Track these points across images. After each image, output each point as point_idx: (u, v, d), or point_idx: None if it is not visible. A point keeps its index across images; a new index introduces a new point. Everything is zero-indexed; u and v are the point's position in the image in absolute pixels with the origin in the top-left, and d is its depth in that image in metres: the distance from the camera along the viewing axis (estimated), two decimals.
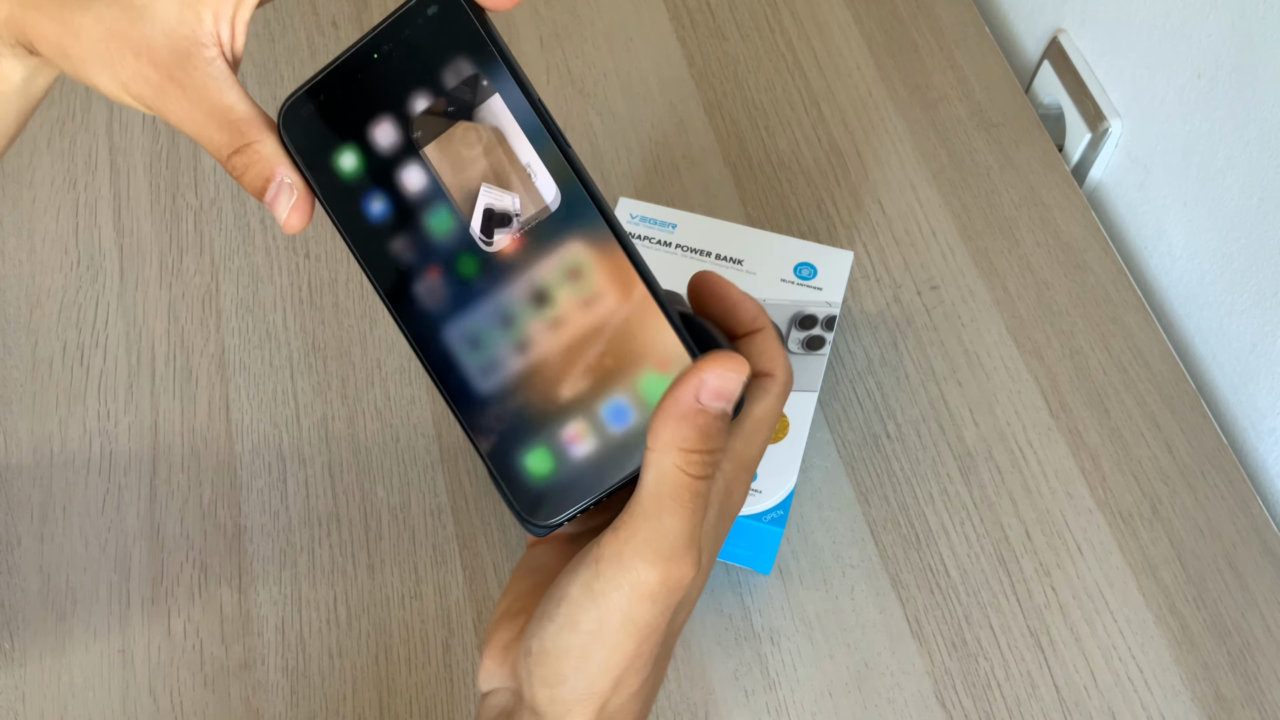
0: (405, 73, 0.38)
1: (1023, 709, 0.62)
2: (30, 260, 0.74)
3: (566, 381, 0.39)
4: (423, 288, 0.39)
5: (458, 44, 0.38)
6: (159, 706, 0.60)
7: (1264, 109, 0.69)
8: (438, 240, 0.39)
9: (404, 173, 0.39)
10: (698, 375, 0.35)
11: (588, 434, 0.39)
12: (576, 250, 0.39)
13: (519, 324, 0.39)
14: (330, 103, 0.38)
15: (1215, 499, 0.69)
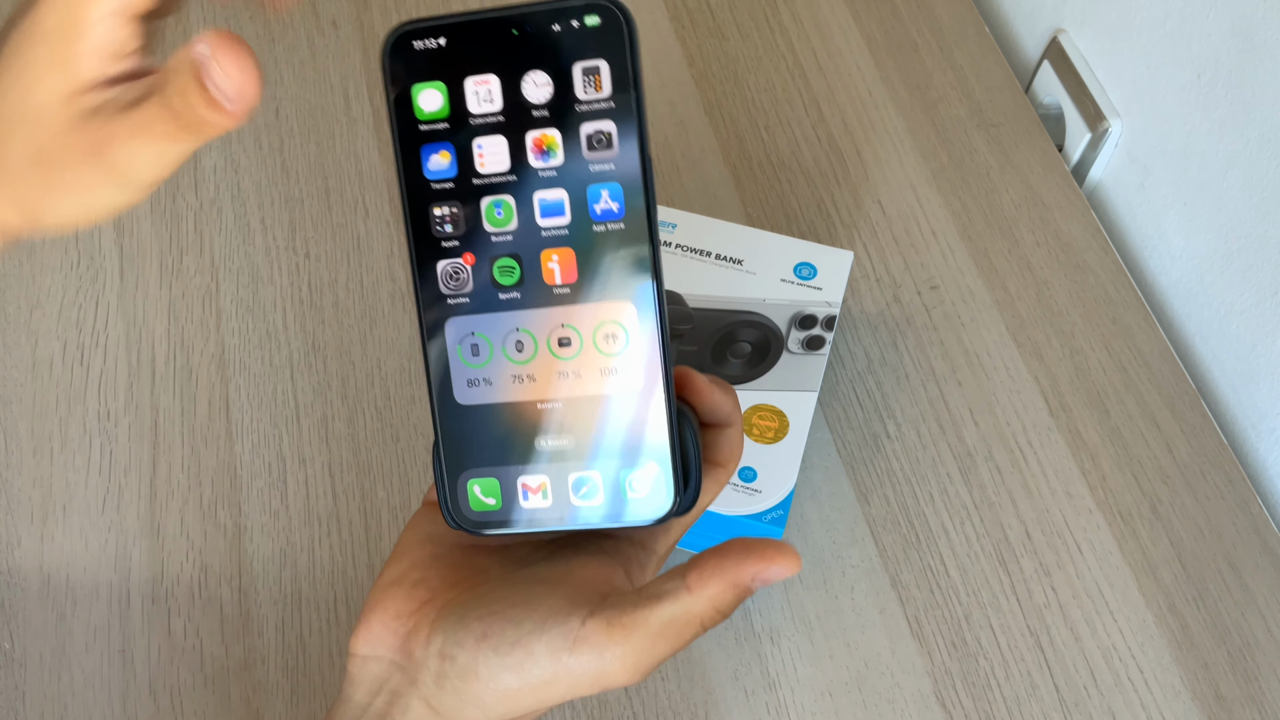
0: (531, 58, 0.36)
1: (1023, 709, 0.62)
2: (30, 260, 0.74)
3: (547, 433, 0.38)
4: (452, 268, 0.38)
5: (597, 61, 0.36)
6: (159, 706, 0.60)
7: (1264, 109, 0.69)
8: (489, 229, 0.38)
9: (486, 145, 0.37)
10: (767, 563, 0.36)
11: (544, 491, 0.39)
12: (619, 309, 0.37)
13: (529, 352, 0.38)
14: (448, 48, 0.36)
15: (1215, 499, 0.69)
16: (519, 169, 0.37)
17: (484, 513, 0.39)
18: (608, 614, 0.36)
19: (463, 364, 0.39)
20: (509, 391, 0.38)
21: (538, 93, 0.36)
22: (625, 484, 0.38)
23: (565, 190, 0.37)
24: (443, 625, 0.38)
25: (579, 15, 0.36)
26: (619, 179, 0.37)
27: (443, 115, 0.37)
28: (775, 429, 0.64)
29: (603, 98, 0.36)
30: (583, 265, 0.37)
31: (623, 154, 0.36)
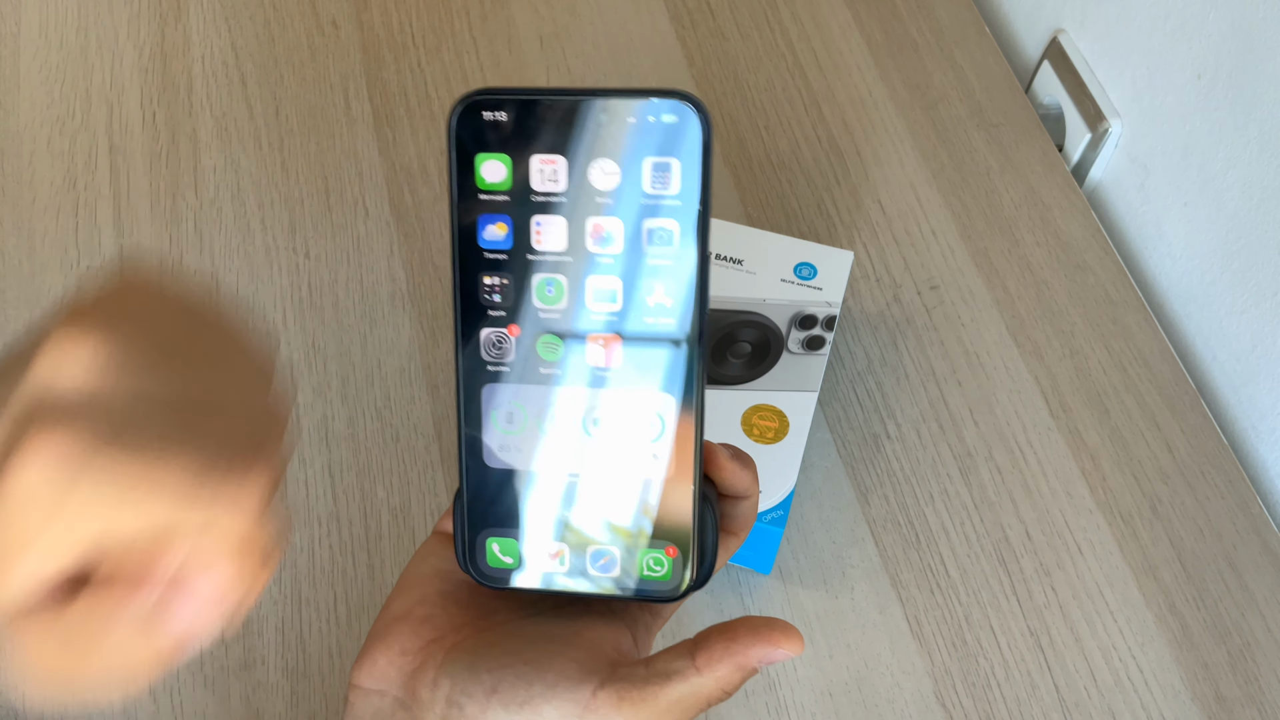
0: (603, 145, 0.36)
1: (1023, 709, 0.62)
2: (30, 260, 0.74)
3: (571, 505, 0.39)
4: (496, 337, 0.38)
5: (670, 159, 0.36)
6: (159, 706, 0.60)
7: (1264, 109, 0.69)
8: (538, 304, 0.37)
9: (544, 223, 0.37)
10: (773, 646, 0.37)
11: (562, 559, 0.39)
12: (659, 400, 0.38)
13: (564, 426, 0.38)
14: (519, 123, 0.36)
15: (1215, 499, 0.69)
16: (575, 251, 0.37)
17: (500, 569, 0.40)
18: (619, 687, 0.37)
19: (495, 429, 0.39)
20: (539, 461, 0.39)
21: (605, 180, 0.36)
22: (643, 562, 0.39)
23: (620, 279, 0.37)
24: (450, 670, 0.38)
25: (658, 111, 0.35)
26: (676, 276, 0.37)
27: (504, 187, 0.36)
28: (775, 429, 0.64)
29: (670, 194, 0.36)
30: (628, 352, 0.37)
31: (682, 251, 0.36)
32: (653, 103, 0.35)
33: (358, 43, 0.85)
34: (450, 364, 0.71)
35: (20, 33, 0.84)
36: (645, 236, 0.36)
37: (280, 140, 0.80)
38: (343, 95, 0.82)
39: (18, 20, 0.84)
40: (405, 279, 0.74)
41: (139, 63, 0.83)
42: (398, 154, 0.79)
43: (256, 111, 0.81)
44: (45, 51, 0.83)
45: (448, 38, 0.85)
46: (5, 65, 0.82)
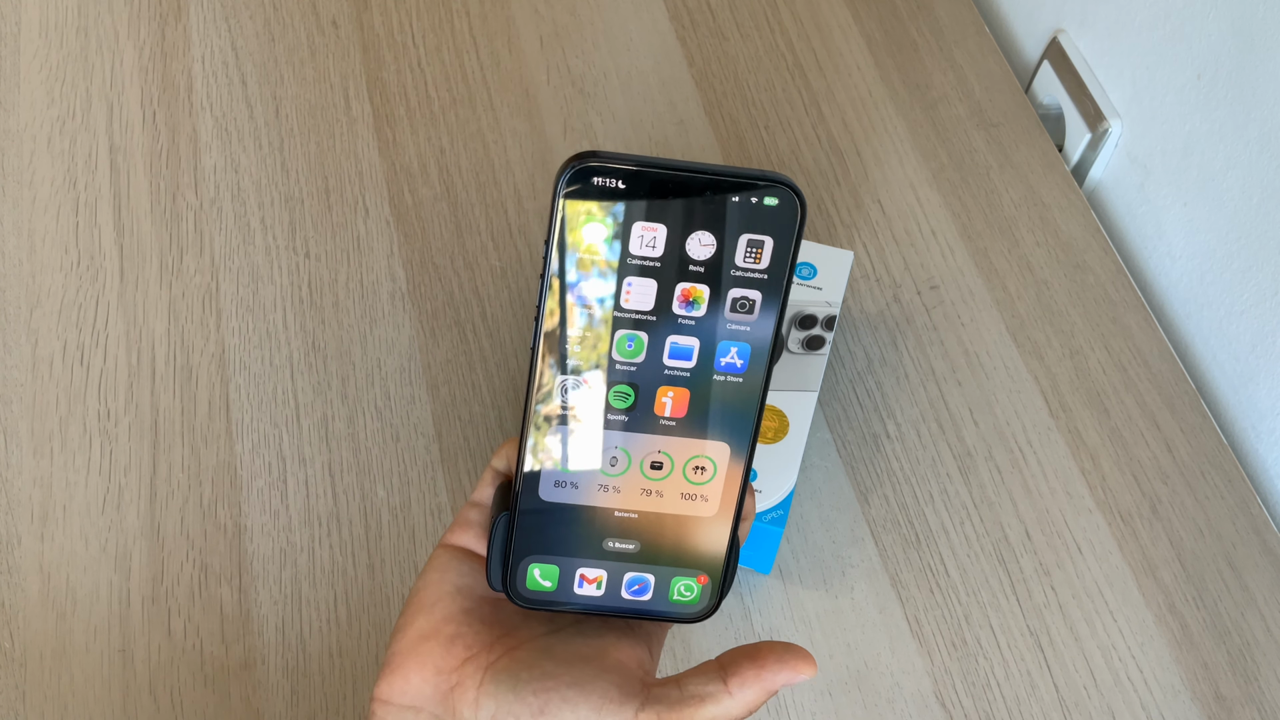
0: (704, 220, 0.38)
1: (1023, 709, 0.62)
2: (30, 260, 0.74)
3: (616, 537, 0.41)
4: (571, 383, 0.40)
5: (764, 237, 0.38)
6: (159, 706, 0.60)
7: (1264, 109, 0.69)
8: (616, 357, 0.40)
9: (636, 284, 0.39)
10: (796, 673, 0.41)
11: (600, 584, 0.42)
12: (715, 449, 0.40)
13: (621, 467, 0.41)
14: (626, 190, 0.38)
15: (1215, 499, 0.69)
16: (661, 311, 0.39)
17: (538, 592, 0.42)
18: (658, 709, 0.40)
19: (556, 467, 0.41)
20: (593, 497, 0.41)
21: (700, 250, 0.38)
22: (675, 588, 0.42)
23: (698, 340, 0.39)
24: (493, 690, 0.40)
25: (760, 194, 0.38)
26: (750, 340, 0.39)
27: (605, 250, 0.38)
28: (775, 429, 0.64)
29: (758, 269, 0.38)
30: (694, 405, 0.40)
31: (761, 319, 0.39)
32: (758, 185, 0.38)
33: (358, 43, 0.85)
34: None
35: (20, 32, 0.84)
36: (729, 304, 0.39)
37: (280, 140, 0.80)
38: (343, 95, 0.82)
39: (18, 20, 0.84)
40: (405, 279, 0.74)
41: (139, 63, 0.83)
42: (398, 154, 0.79)
43: (256, 111, 0.81)
44: (45, 51, 0.83)
45: (448, 38, 0.85)
46: (5, 65, 0.82)
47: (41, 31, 0.84)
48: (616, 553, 0.42)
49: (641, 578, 0.42)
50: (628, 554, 0.42)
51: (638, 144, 0.81)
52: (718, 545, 0.42)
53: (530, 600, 0.42)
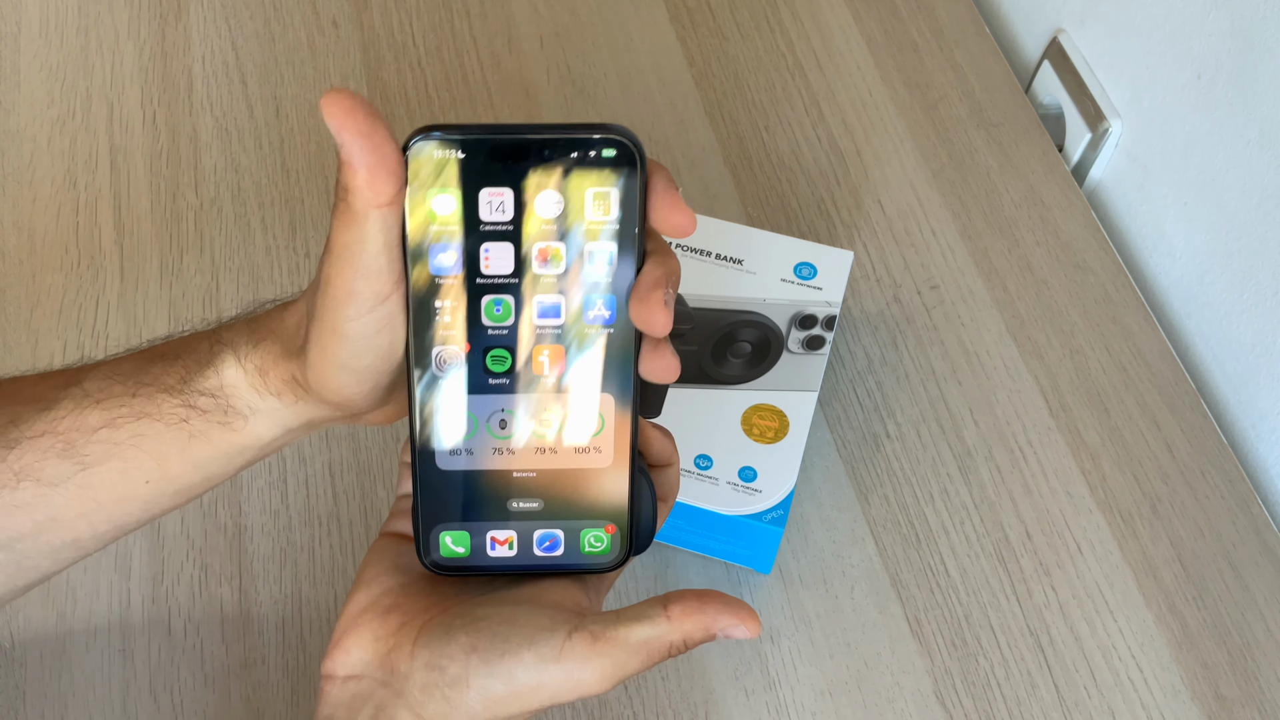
0: (548, 179, 0.39)
1: (1023, 709, 0.62)
2: (30, 260, 0.74)
3: (519, 498, 0.43)
4: (448, 354, 0.41)
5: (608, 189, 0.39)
6: (159, 706, 0.60)
7: (1264, 109, 0.69)
8: (486, 323, 0.40)
9: (493, 250, 0.39)
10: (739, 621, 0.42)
11: (511, 544, 0.43)
12: (600, 400, 0.41)
13: (511, 429, 0.42)
14: (467, 159, 0.39)
15: (1215, 499, 0.69)
16: (522, 274, 0.40)
17: (453, 559, 0.43)
18: (592, 629, 0.41)
19: (446, 438, 0.42)
20: (488, 461, 0.42)
21: (549, 209, 0.39)
22: (585, 540, 0.43)
23: (563, 296, 0.40)
24: (427, 641, 0.41)
25: (597, 146, 0.38)
26: (615, 290, 0.40)
27: (456, 219, 0.39)
28: (775, 429, 0.64)
29: (609, 219, 0.39)
30: (571, 359, 0.41)
31: (621, 268, 0.40)
32: (593, 139, 0.38)
33: (358, 43, 0.85)
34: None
35: (20, 32, 0.84)
36: (586, 257, 0.40)
37: (280, 140, 0.80)
38: None
39: (18, 20, 0.84)
40: None
41: (139, 62, 0.83)
42: None
43: (256, 111, 0.81)
44: (45, 51, 0.83)
45: (448, 38, 0.85)
46: (5, 65, 0.82)
47: (41, 31, 0.84)
48: (522, 512, 0.43)
49: (551, 534, 0.43)
50: (533, 512, 0.43)
51: None
52: (619, 494, 0.43)
53: (448, 568, 0.43)
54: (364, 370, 0.41)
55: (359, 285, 0.39)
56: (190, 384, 0.44)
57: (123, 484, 0.44)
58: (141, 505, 0.45)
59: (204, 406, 0.44)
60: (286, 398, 0.44)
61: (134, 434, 0.44)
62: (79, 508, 0.44)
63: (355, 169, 0.38)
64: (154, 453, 0.44)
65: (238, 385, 0.44)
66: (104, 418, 0.44)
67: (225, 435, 0.44)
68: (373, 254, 0.39)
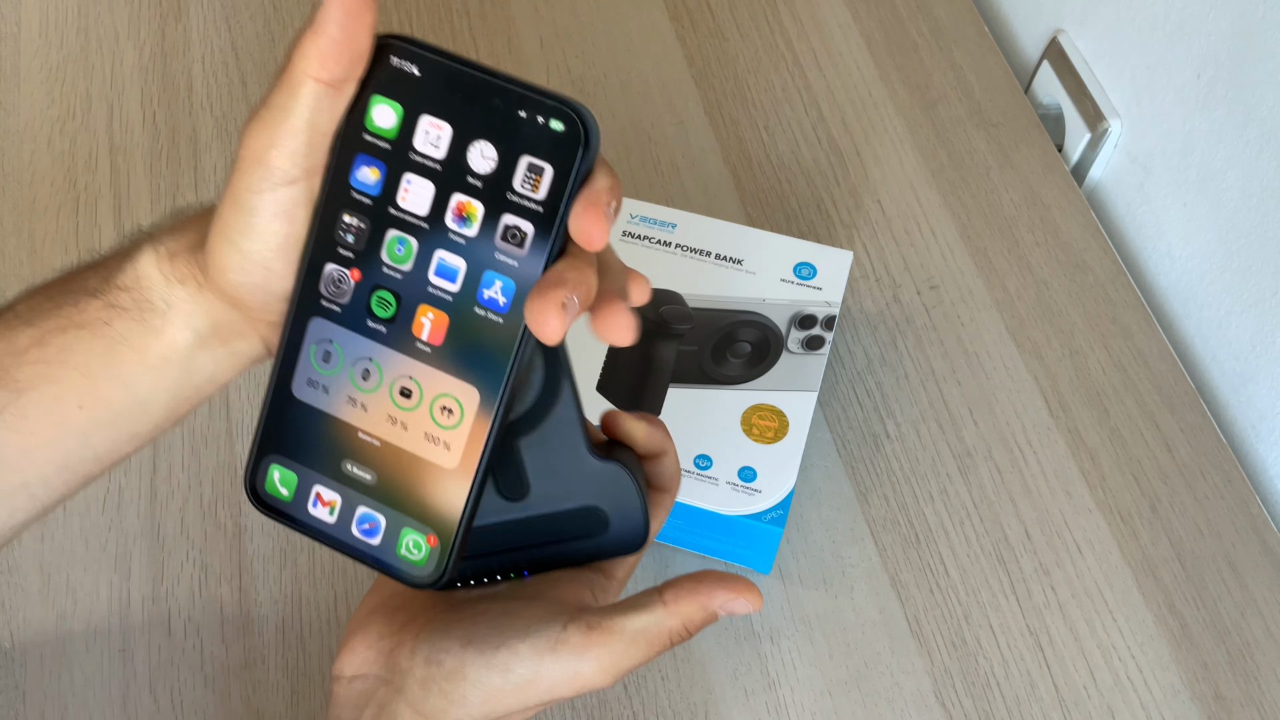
0: (488, 129, 0.37)
1: (1022, 709, 0.62)
2: (30, 260, 0.74)
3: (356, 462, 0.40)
4: (338, 274, 0.39)
5: (544, 163, 0.37)
6: (159, 706, 0.60)
7: (1264, 109, 0.69)
8: (384, 258, 0.38)
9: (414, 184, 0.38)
10: (736, 595, 0.40)
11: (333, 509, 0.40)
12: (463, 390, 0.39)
13: (372, 384, 0.39)
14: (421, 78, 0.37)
15: (1215, 499, 0.69)
16: (434, 221, 0.38)
17: (274, 498, 0.41)
18: (588, 619, 0.40)
19: (310, 363, 0.40)
20: (340, 408, 0.40)
21: (480, 162, 0.37)
22: (404, 541, 0.40)
23: (465, 262, 0.38)
24: (426, 636, 0.41)
25: (547, 113, 0.36)
26: (516, 278, 0.37)
27: (390, 136, 0.38)
28: (775, 429, 0.64)
29: (534, 198, 0.37)
30: (451, 334, 0.38)
31: (530, 257, 0.37)
32: (545, 104, 0.36)
33: None
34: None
35: (20, 32, 0.84)
36: (500, 230, 0.37)
37: None
38: None
39: (18, 20, 0.84)
40: None
41: (139, 63, 0.83)
42: None
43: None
44: (45, 51, 0.83)
45: (448, 38, 0.85)
46: (5, 65, 0.82)
47: (41, 31, 0.84)
48: (354, 479, 0.40)
49: (373, 516, 0.40)
50: (364, 484, 0.40)
51: (638, 144, 0.81)
52: (453, 504, 0.39)
53: (267, 504, 0.41)
54: (251, 255, 0.39)
55: (271, 155, 0.37)
56: (110, 280, 0.41)
57: (56, 410, 0.42)
58: (81, 438, 0.43)
59: (123, 303, 0.41)
60: (190, 285, 0.41)
61: (61, 348, 0.41)
62: (19, 443, 0.42)
63: (317, 35, 0.36)
64: (81, 367, 0.41)
65: (151, 275, 0.41)
66: (33, 336, 0.41)
67: (145, 339, 0.41)
68: (294, 126, 0.37)
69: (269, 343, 0.43)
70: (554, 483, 0.43)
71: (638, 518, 0.43)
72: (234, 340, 0.42)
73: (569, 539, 0.43)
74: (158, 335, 0.41)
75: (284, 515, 0.41)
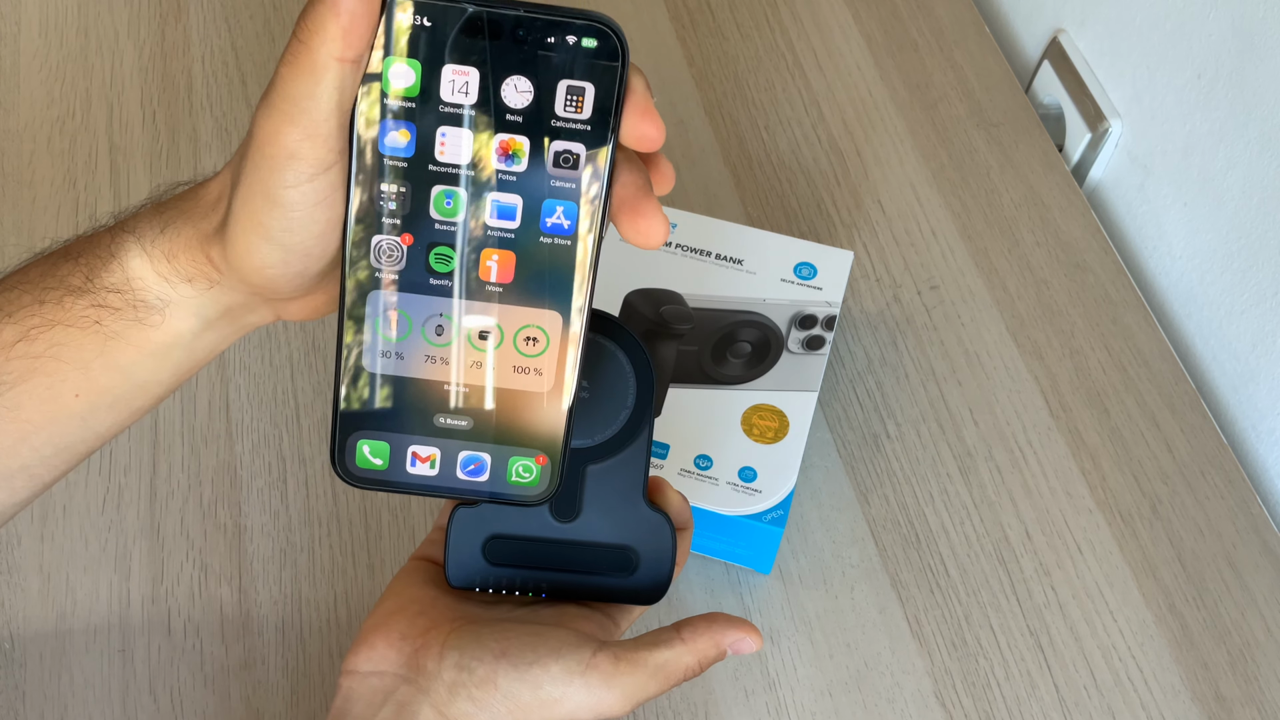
0: (519, 63, 0.36)
1: (1022, 709, 0.62)
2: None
3: (447, 412, 0.40)
4: (388, 244, 0.38)
5: (584, 83, 0.36)
6: (159, 706, 0.60)
7: (1264, 109, 0.69)
8: (434, 215, 0.38)
9: (449, 135, 0.37)
10: (745, 635, 0.43)
11: (433, 463, 0.40)
12: (544, 317, 0.39)
13: (448, 337, 0.39)
14: (433, 29, 0.35)
15: (1215, 499, 0.69)
16: (478, 165, 0.37)
17: (369, 470, 0.40)
18: (615, 650, 0.42)
19: (378, 335, 0.39)
20: (419, 369, 0.39)
21: (516, 98, 0.36)
22: (512, 467, 0.40)
23: (520, 197, 0.37)
24: (457, 643, 0.42)
25: (578, 33, 0.35)
26: (577, 199, 0.37)
27: (412, 94, 0.36)
28: (775, 429, 0.64)
29: (581, 119, 0.36)
30: (520, 268, 0.38)
31: (587, 176, 0.37)
32: (574, 24, 0.35)
33: None
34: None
35: (20, 32, 0.84)
36: (551, 158, 0.37)
37: None
38: None
39: (18, 20, 0.84)
40: None
41: (139, 62, 0.83)
42: None
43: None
44: (45, 51, 0.83)
45: None
46: (5, 65, 0.82)
47: (41, 31, 0.84)
48: (448, 429, 0.40)
49: (477, 457, 0.40)
50: (460, 431, 0.40)
51: None
52: (555, 421, 0.40)
53: (361, 479, 0.40)
54: (294, 248, 0.38)
55: (303, 147, 0.36)
56: (95, 281, 0.41)
57: (52, 401, 0.42)
58: (80, 422, 0.42)
59: (114, 304, 0.41)
60: (200, 283, 0.40)
61: (50, 344, 0.41)
62: (15, 432, 0.42)
63: (338, 11, 0.34)
64: (75, 361, 0.41)
65: (144, 276, 0.41)
66: (17, 331, 0.41)
67: (143, 333, 0.41)
68: (325, 113, 0.35)
69: (282, 311, 0.42)
70: (604, 515, 0.44)
71: (664, 570, 0.45)
72: (245, 317, 0.42)
73: (596, 572, 0.45)
74: (157, 329, 0.41)
75: (381, 483, 0.41)
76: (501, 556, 0.44)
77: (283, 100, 0.35)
